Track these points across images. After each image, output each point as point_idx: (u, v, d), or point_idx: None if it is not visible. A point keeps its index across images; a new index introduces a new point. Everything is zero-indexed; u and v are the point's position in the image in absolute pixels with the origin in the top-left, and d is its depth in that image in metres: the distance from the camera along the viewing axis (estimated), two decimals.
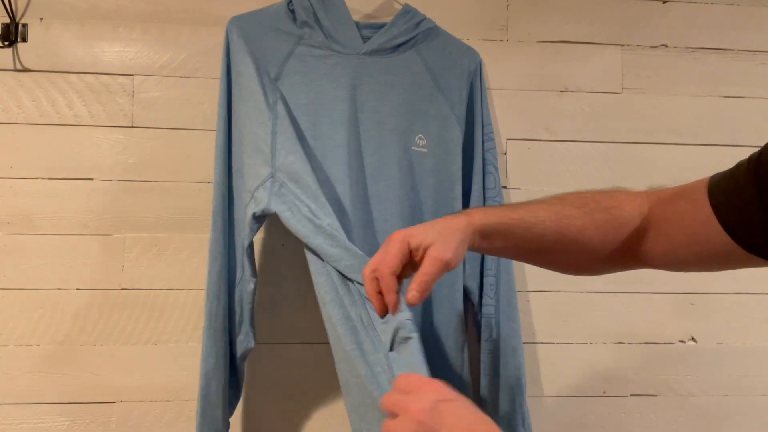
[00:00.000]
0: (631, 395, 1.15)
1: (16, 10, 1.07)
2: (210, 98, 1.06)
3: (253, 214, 0.87)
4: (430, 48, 1.04)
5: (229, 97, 0.97)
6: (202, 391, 0.92)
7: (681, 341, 1.17)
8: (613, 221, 0.68)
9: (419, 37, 1.03)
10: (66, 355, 1.05)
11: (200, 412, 0.92)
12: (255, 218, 0.88)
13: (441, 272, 0.64)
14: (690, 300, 1.17)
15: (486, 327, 1.02)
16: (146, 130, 1.09)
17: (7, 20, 1.06)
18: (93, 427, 1.05)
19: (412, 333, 0.73)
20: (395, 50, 1.01)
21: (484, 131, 1.06)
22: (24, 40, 1.07)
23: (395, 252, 0.65)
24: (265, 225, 1.03)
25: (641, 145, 1.18)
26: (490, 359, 1.02)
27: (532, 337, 1.14)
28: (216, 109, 0.99)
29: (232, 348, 0.95)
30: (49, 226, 1.06)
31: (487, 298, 1.03)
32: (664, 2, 1.21)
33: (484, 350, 1.02)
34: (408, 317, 0.74)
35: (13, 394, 1.03)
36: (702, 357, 1.17)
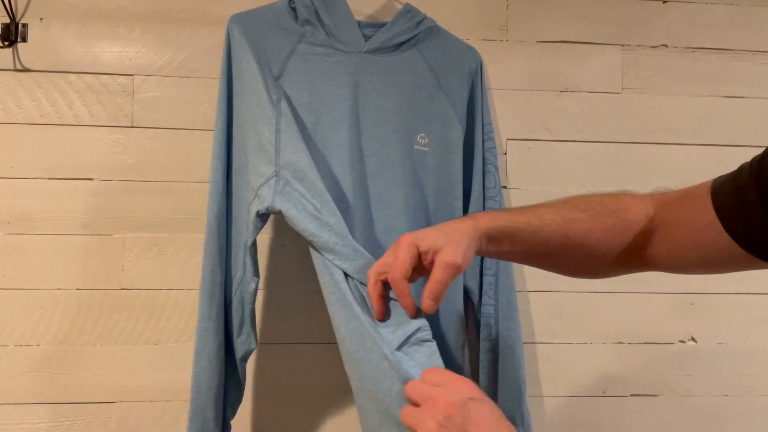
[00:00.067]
0: (631, 395, 1.15)
1: (16, 10, 1.07)
2: (210, 98, 1.06)
3: (257, 212, 0.85)
4: (431, 47, 1.03)
5: (229, 95, 0.96)
6: (193, 392, 0.89)
7: (681, 341, 1.17)
8: (619, 224, 0.68)
9: (420, 36, 1.03)
10: (66, 355, 1.05)
11: (191, 414, 0.89)
12: (259, 216, 0.86)
13: (453, 278, 0.64)
14: (690, 300, 1.17)
15: (485, 326, 1.02)
16: (146, 130, 1.09)
17: (7, 20, 1.06)
18: (93, 427, 1.05)
19: (430, 337, 0.71)
20: (397, 49, 1.01)
21: (485, 131, 1.06)
22: (24, 40, 1.07)
23: (405, 257, 0.65)
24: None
25: (641, 145, 1.18)
26: (490, 359, 1.02)
27: (531, 337, 1.14)
28: (216, 109, 0.97)
29: (229, 349, 0.93)
30: (49, 226, 1.06)
31: (486, 298, 1.02)
32: (664, 2, 1.21)
33: (483, 350, 1.02)
34: (425, 322, 0.72)
35: (13, 394, 1.03)
36: (702, 357, 1.17)
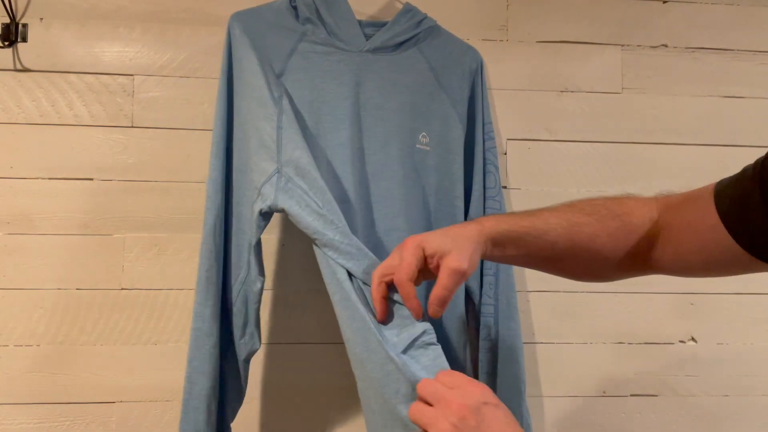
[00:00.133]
0: (631, 395, 1.15)
1: (16, 10, 1.07)
2: (210, 98, 1.06)
3: (260, 210, 0.84)
4: (432, 46, 1.03)
5: (230, 93, 0.95)
6: (185, 394, 0.88)
7: (681, 341, 1.17)
8: (624, 228, 0.68)
9: (421, 35, 1.03)
10: (66, 355, 1.05)
11: (182, 416, 0.88)
12: (262, 215, 0.85)
13: (459, 283, 0.65)
14: (690, 300, 1.17)
15: (485, 326, 1.02)
16: (146, 130, 1.09)
17: (7, 20, 1.06)
18: (93, 427, 1.05)
19: (435, 340, 0.70)
20: (398, 48, 1.00)
21: (485, 130, 1.06)
22: (24, 40, 1.07)
23: (411, 258, 0.65)
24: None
25: (641, 145, 1.18)
26: (489, 359, 1.02)
27: (531, 337, 1.14)
28: (215, 106, 0.96)
29: (225, 350, 0.92)
30: (49, 226, 1.06)
31: (486, 298, 1.02)
32: (664, 2, 1.21)
33: (483, 349, 1.02)
34: (430, 325, 0.71)
35: (13, 394, 1.03)
36: (702, 357, 1.17)
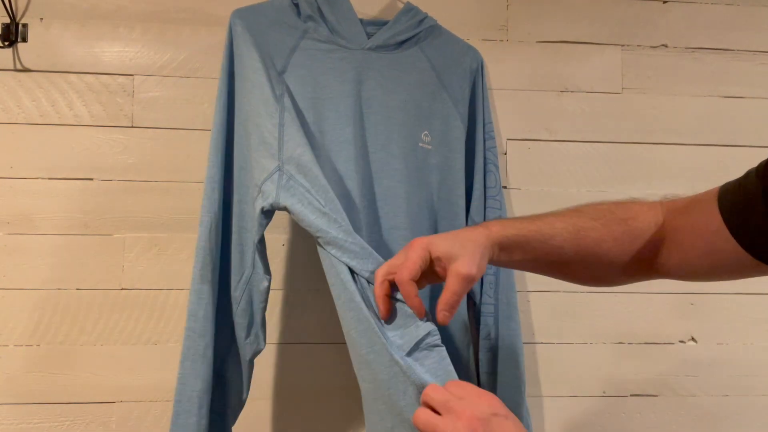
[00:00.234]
0: (631, 395, 1.15)
1: (16, 10, 1.07)
2: (210, 98, 1.06)
3: (262, 208, 0.83)
4: (433, 46, 1.03)
5: (231, 90, 0.95)
6: (176, 395, 0.87)
7: (681, 341, 1.17)
8: (629, 233, 0.68)
9: (422, 34, 1.03)
10: (66, 355, 1.05)
11: (173, 418, 0.86)
12: (263, 213, 0.84)
13: (467, 289, 0.64)
14: (690, 300, 1.17)
15: (485, 326, 1.02)
16: (146, 130, 1.09)
17: (7, 20, 1.06)
18: (93, 427, 1.05)
19: (440, 342, 0.70)
20: (399, 47, 1.00)
21: (485, 130, 1.06)
22: (24, 40, 1.07)
23: (416, 258, 0.65)
24: None
25: (641, 145, 1.18)
26: (489, 358, 1.02)
27: (531, 337, 1.14)
28: (215, 104, 0.95)
29: (221, 351, 0.91)
30: (49, 226, 1.06)
31: (486, 297, 1.02)
32: (664, 2, 1.21)
33: (483, 349, 1.02)
34: (434, 326, 0.70)
35: (13, 394, 1.03)
36: (702, 357, 1.17)
